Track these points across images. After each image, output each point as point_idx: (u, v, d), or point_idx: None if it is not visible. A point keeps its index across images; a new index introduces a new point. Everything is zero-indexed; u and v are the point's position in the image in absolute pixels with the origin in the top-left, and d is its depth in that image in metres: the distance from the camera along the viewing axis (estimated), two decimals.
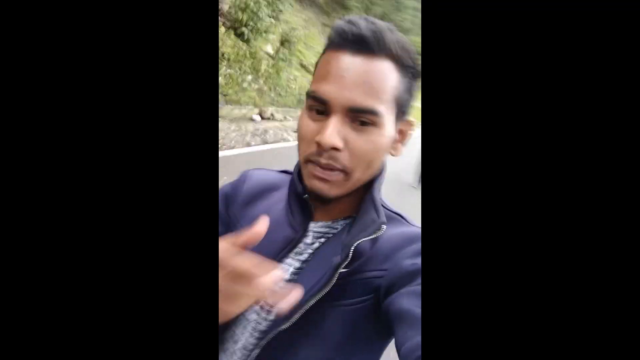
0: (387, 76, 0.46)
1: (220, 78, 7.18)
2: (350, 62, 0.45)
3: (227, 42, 7.55)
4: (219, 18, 7.66)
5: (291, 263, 0.53)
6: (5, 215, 0.27)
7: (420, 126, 0.57)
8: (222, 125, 6.26)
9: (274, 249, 0.54)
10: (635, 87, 0.26)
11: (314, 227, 0.55)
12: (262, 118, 7.97)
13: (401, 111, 0.49)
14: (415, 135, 0.54)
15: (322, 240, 0.54)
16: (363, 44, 0.45)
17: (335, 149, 0.46)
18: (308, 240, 0.54)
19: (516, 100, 0.28)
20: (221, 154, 4.83)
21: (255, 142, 6.64)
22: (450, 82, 0.29)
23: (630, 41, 0.26)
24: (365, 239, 0.48)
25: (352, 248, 0.47)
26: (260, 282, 0.32)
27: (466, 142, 0.29)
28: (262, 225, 0.35)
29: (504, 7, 0.28)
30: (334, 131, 0.45)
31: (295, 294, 0.34)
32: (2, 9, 0.27)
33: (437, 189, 0.29)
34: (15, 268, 0.26)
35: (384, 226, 0.49)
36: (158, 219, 0.29)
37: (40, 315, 0.27)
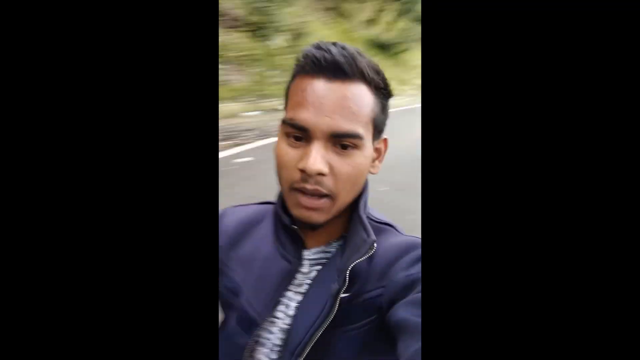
0: (363, 99, 0.47)
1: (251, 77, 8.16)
2: (327, 88, 0.46)
3: (245, 44, 8.47)
4: (235, 21, 8.54)
5: (292, 297, 0.53)
6: (5, 216, 0.26)
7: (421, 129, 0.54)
8: (264, 117, 7.26)
9: (271, 286, 0.54)
10: (635, 87, 0.26)
11: (308, 254, 0.55)
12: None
13: (377, 130, 0.51)
14: None
15: (318, 267, 0.54)
16: (337, 69, 0.46)
17: (321, 174, 0.46)
18: (305, 269, 0.54)
19: (516, 100, 0.28)
20: (266, 141, 5.80)
21: None
22: (450, 82, 0.29)
23: (631, 41, 0.26)
24: (359, 260, 0.49)
25: (348, 272, 0.48)
26: None
27: (466, 143, 0.29)
28: None
29: (504, 7, 0.28)
30: (317, 156, 0.46)
31: None
32: (2, 9, 0.26)
33: (437, 193, 0.29)
34: (16, 271, 0.26)
35: (375, 244, 0.50)
36: (157, 217, 0.29)
37: (41, 317, 0.26)
